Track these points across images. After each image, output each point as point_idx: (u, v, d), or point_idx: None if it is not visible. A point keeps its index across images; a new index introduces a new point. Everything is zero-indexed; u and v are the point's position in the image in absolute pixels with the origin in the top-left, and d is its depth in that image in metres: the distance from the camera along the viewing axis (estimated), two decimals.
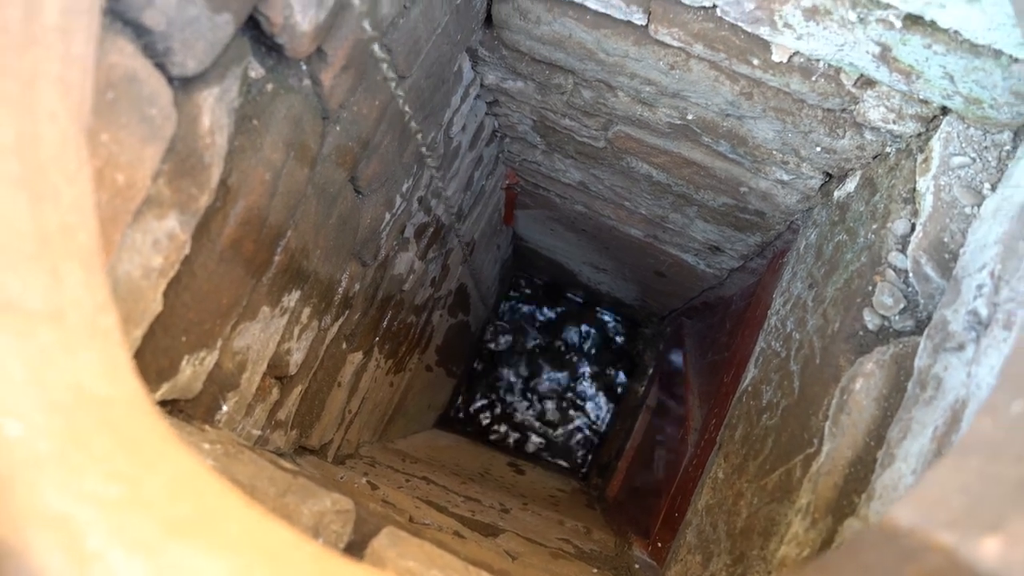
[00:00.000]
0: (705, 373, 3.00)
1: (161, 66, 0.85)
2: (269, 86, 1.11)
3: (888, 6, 1.13)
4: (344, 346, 1.93)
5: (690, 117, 1.79)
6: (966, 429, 0.69)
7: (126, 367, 0.56)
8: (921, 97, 1.31)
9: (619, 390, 5.20)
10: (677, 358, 3.80)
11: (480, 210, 2.87)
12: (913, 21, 1.14)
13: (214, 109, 0.97)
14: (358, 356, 2.08)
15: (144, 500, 0.45)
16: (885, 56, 1.24)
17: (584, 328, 5.33)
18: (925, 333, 1.20)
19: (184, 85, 0.91)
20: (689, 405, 2.85)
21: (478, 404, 5.18)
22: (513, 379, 5.24)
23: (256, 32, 1.03)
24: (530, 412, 5.19)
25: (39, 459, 0.42)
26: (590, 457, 5.08)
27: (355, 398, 2.22)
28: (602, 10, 1.48)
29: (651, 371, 4.55)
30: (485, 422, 5.13)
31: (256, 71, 1.08)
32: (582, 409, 5.22)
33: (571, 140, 2.28)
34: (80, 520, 0.41)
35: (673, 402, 3.46)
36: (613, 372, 5.25)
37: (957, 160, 1.28)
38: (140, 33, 0.79)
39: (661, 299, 4.12)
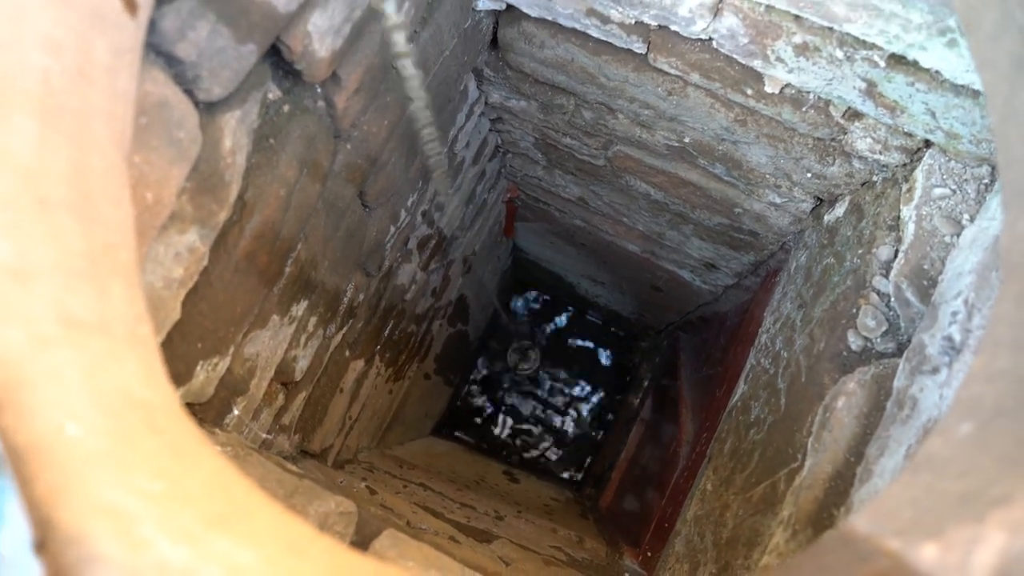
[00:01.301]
0: (699, 387, 3.06)
1: (189, 92, 0.91)
2: (286, 107, 1.17)
3: (873, 46, 1.19)
4: (347, 354, 1.99)
5: (687, 140, 1.85)
6: (922, 448, 0.74)
7: (161, 373, 0.62)
8: (905, 130, 1.38)
9: (615, 402, 5.25)
10: (672, 372, 3.85)
11: (481, 223, 2.93)
12: (897, 61, 1.21)
13: (235, 131, 1.03)
14: (360, 364, 2.14)
15: (185, 495, 0.50)
16: (871, 91, 1.30)
17: (581, 341, 5.38)
18: (904, 355, 1.26)
19: (209, 109, 0.97)
20: (682, 418, 2.90)
21: (475, 413, 5.22)
22: (510, 388, 5.29)
23: (276, 58, 1.09)
24: (526, 422, 5.23)
25: (95, 456, 0.48)
26: (584, 468, 5.13)
27: (356, 404, 2.27)
28: (603, 38, 1.55)
29: (646, 384, 4.60)
30: (481, 431, 5.17)
31: (274, 93, 1.14)
32: (577, 421, 5.26)
33: (572, 158, 2.35)
34: (131, 511, 0.47)
35: (667, 415, 3.51)
36: (609, 384, 5.30)
37: (938, 191, 1.34)
38: (172, 63, 0.86)
39: (658, 313, 4.18)
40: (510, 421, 5.22)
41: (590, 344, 5.39)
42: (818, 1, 1.14)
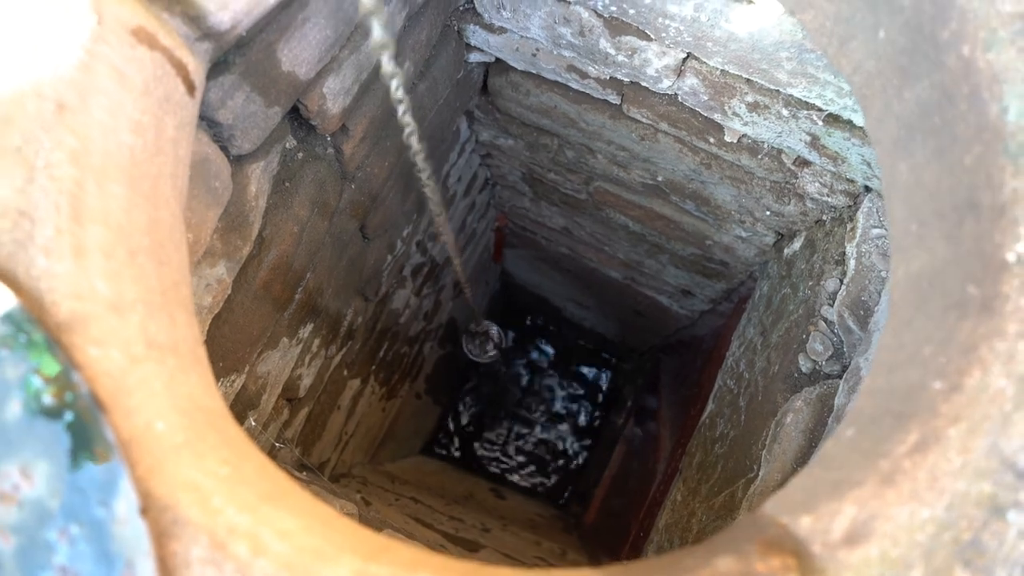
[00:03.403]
0: (677, 407, 3.21)
1: (224, 148, 1.07)
2: (300, 154, 1.34)
3: (813, 107, 1.37)
4: (345, 373, 2.14)
5: (660, 179, 2.03)
6: (822, 449, 0.90)
7: (215, 385, 0.78)
8: (847, 177, 1.55)
9: (598, 423, 5.40)
10: (653, 392, 4.00)
11: (471, 249, 3.10)
12: (835, 119, 1.39)
13: (259, 178, 1.19)
14: (356, 383, 2.28)
15: (242, 478, 0.65)
16: (815, 143, 1.48)
17: (566, 362, 5.53)
18: (843, 377, 1.42)
19: (239, 160, 1.13)
20: (661, 437, 3.06)
21: (463, 432, 5.35)
22: (497, 409, 5.42)
23: (294, 114, 1.25)
24: (511, 443, 5.36)
25: (177, 446, 0.63)
26: (569, 486, 5.25)
27: (351, 421, 2.41)
28: (582, 90, 1.73)
29: (629, 404, 4.75)
30: (469, 449, 5.30)
31: (290, 143, 1.30)
32: (561, 441, 5.40)
33: (556, 191, 2.52)
34: (206, 487, 0.62)
35: (648, 434, 3.67)
36: (593, 405, 5.45)
37: (876, 231, 1.52)
38: (212, 125, 1.02)
39: (640, 336, 4.35)
40: (496, 442, 5.35)
41: (576, 366, 5.53)
42: (764, 69, 1.32)
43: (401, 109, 1.07)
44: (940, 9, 0.71)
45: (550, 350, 5.57)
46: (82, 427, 0.59)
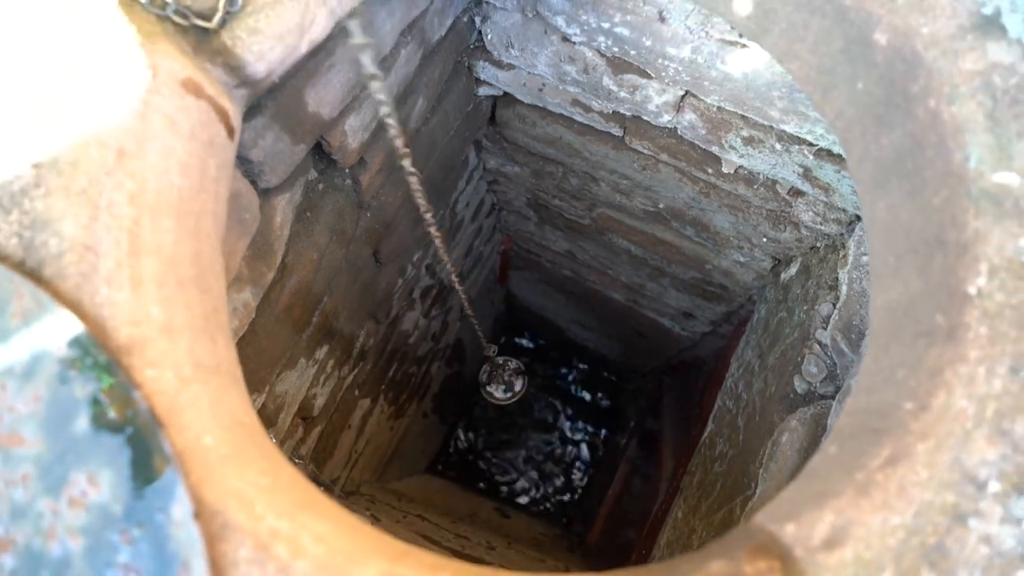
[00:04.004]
0: (679, 428, 3.27)
1: (253, 182, 1.15)
2: (320, 185, 1.42)
3: (804, 141, 1.45)
4: (356, 393, 2.20)
5: (661, 206, 2.11)
6: (809, 464, 0.96)
7: (251, 404, 0.85)
8: (839, 206, 1.63)
9: (601, 443, 5.44)
10: (656, 413, 4.06)
11: (478, 272, 3.17)
12: (826, 153, 1.47)
13: (284, 209, 1.27)
14: (367, 402, 2.35)
15: (280, 487, 0.72)
16: (808, 175, 1.56)
17: (570, 384, 5.59)
18: (836, 398, 1.49)
19: (266, 193, 1.21)
20: (663, 457, 3.11)
21: (468, 451, 5.39)
22: (501, 428, 5.47)
23: (316, 148, 1.34)
24: (516, 463, 5.40)
25: (223, 458, 0.70)
26: (572, 506, 5.28)
27: (361, 440, 2.48)
28: (587, 123, 1.81)
29: (632, 425, 4.79)
30: (473, 469, 5.34)
31: (312, 175, 1.38)
32: (565, 461, 5.44)
33: (560, 216, 2.60)
34: (249, 496, 0.69)
35: (651, 454, 3.71)
36: (597, 425, 5.49)
37: (866, 258, 1.59)
38: (244, 162, 1.10)
39: (642, 357, 4.41)
40: (500, 462, 5.39)
41: (579, 386, 5.59)
42: (758, 106, 1.40)
43: (391, 126, 1.14)
44: (910, 66, 0.79)
45: (554, 371, 5.63)
46: (141, 440, 0.66)
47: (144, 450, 0.66)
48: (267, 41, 0.90)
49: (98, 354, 0.68)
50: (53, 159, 0.74)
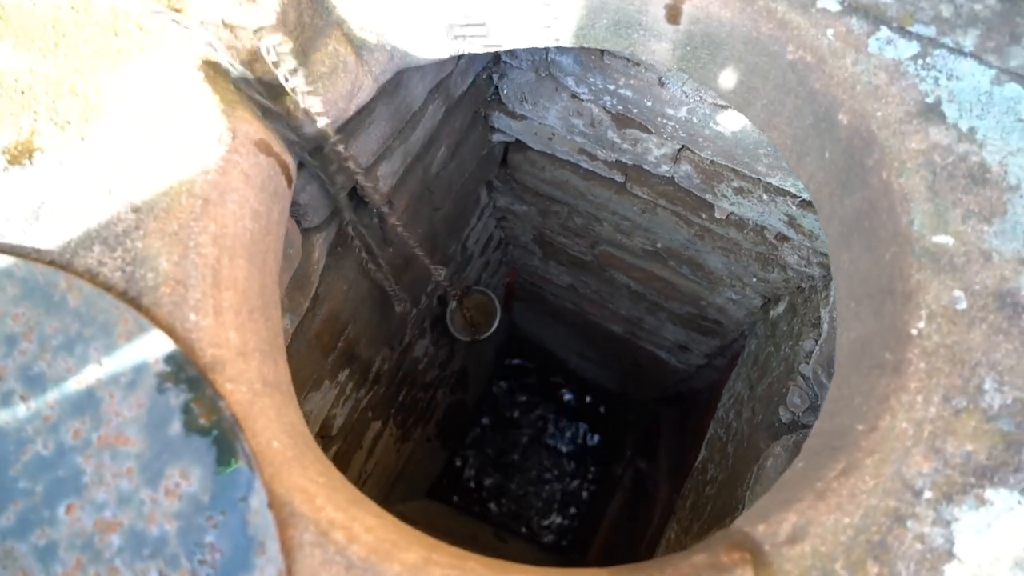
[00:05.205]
0: (674, 457, 3.39)
1: (297, 222, 1.30)
2: (351, 224, 1.57)
3: (788, 193, 1.61)
4: (369, 415, 2.33)
5: (659, 245, 2.26)
6: (781, 478, 1.10)
7: (302, 416, 0.99)
8: (821, 251, 1.78)
9: (598, 471, 5.53)
10: (653, 442, 4.17)
11: None
12: (808, 204, 1.62)
13: (321, 246, 1.42)
14: (378, 424, 2.48)
15: (334, 486, 0.86)
16: (792, 223, 1.71)
17: (569, 412, 5.71)
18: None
19: (307, 231, 1.36)
20: (659, 485, 3.22)
21: (467, 477, 5.49)
22: (500, 454, 5.57)
23: (350, 191, 1.49)
24: (514, 487, 5.49)
25: (288, 460, 0.84)
26: (568, 532, 5.36)
27: (371, 460, 2.60)
28: (591, 169, 1.97)
29: (629, 454, 4.90)
30: (473, 494, 5.43)
31: (347, 216, 1.53)
32: (562, 487, 5.53)
33: (564, 252, 2.76)
34: (311, 491, 0.82)
35: (647, 483, 3.82)
36: (593, 454, 5.60)
37: None
38: (293, 205, 1.25)
39: (640, 388, 4.54)
40: (499, 488, 5.48)
41: (578, 415, 5.70)
42: (746, 161, 1.56)
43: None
44: (866, 143, 0.94)
45: (554, 398, 5.75)
46: (225, 442, 0.80)
47: (227, 450, 0.80)
48: (323, 106, 1.06)
49: (189, 369, 0.82)
50: (150, 206, 0.89)
